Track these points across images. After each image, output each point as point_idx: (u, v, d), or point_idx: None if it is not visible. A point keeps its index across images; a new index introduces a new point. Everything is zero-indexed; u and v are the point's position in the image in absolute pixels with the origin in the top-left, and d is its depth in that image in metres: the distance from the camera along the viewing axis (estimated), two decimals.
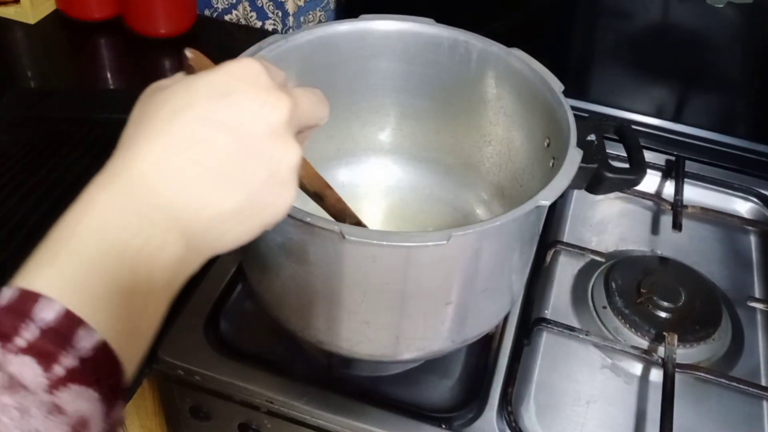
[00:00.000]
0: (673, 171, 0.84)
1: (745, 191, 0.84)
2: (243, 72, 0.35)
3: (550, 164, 0.56)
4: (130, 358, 0.31)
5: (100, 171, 0.34)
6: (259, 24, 1.04)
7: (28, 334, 0.28)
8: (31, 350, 0.27)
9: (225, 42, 1.02)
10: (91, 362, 0.29)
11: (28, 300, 0.29)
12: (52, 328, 0.28)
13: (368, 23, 0.63)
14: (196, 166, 0.33)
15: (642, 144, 0.61)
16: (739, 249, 0.79)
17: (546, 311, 0.70)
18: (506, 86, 0.62)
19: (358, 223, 0.51)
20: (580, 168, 0.50)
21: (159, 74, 0.99)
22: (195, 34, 1.01)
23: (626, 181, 0.57)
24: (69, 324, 0.29)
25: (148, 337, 0.33)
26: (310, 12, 1.03)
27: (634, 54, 0.88)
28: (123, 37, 1.00)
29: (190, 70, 0.37)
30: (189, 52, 0.37)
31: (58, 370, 0.28)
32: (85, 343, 0.29)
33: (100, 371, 0.29)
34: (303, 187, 0.46)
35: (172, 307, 0.40)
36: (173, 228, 0.33)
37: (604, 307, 0.69)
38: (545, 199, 0.47)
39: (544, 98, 0.57)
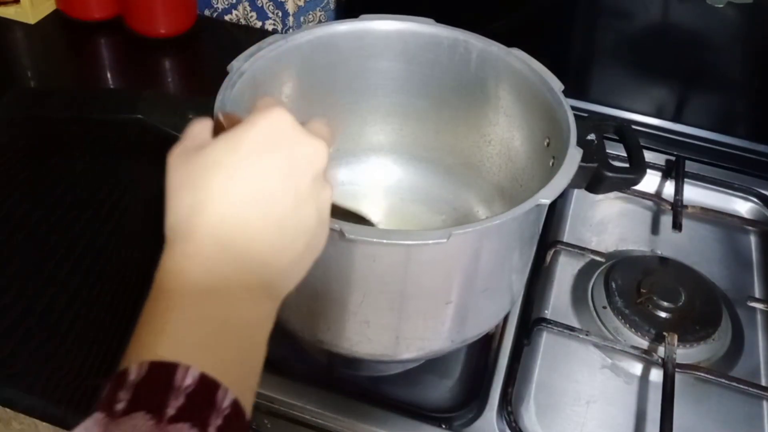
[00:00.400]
0: (673, 171, 0.84)
1: (745, 191, 0.84)
2: (278, 125, 0.36)
3: (550, 164, 0.56)
4: (250, 412, 0.33)
5: (170, 238, 0.35)
6: (259, 24, 1.04)
7: (176, 403, 0.28)
8: (184, 417, 0.28)
9: (225, 42, 1.02)
10: (231, 420, 0.30)
11: (164, 370, 0.29)
12: (195, 391, 0.29)
13: (368, 23, 0.63)
14: (267, 218, 0.35)
15: (642, 144, 0.61)
16: (739, 249, 0.79)
17: (546, 311, 0.70)
18: (506, 86, 0.62)
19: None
20: (579, 167, 0.50)
21: (159, 74, 0.99)
22: (195, 34, 1.01)
23: (626, 181, 0.57)
24: (208, 387, 0.30)
25: (256, 388, 0.34)
26: (310, 12, 1.03)
27: (634, 54, 0.88)
28: (123, 37, 1.00)
29: (221, 130, 0.38)
30: (221, 115, 0.39)
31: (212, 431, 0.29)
32: (225, 402, 0.30)
33: (236, 428, 0.30)
34: None
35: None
36: (259, 284, 0.35)
37: (604, 307, 0.69)
38: (545, 198, 0.47)
39: (544, 98, 0.57)
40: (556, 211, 0.79)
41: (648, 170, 0.65)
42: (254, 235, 0.34)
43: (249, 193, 0.34)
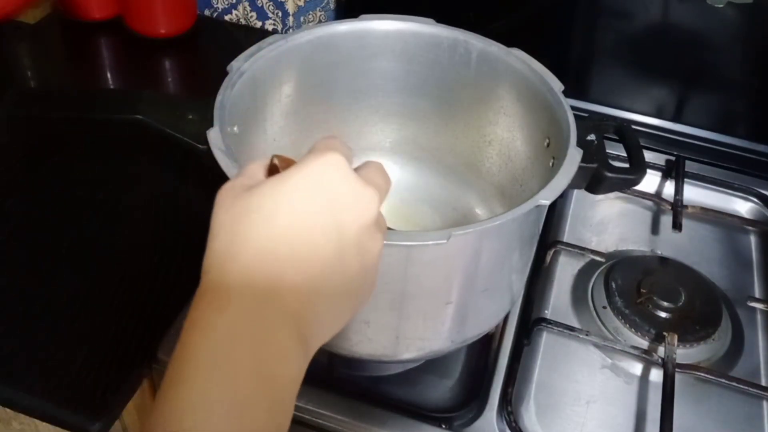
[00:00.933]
0: (673, 171, 0.84)
1: (745, 191, 0.84)
2: (328, 170, 0.34)
3: (550, 164, 0.56)
4: None
5: (203, 285, 0.33)
6: (259, 24, 1.04)
7: None
8: None
9: (225, 42, 1.02)
10: None
11: None
12: None
13: (368, 23, 0.63)
14: (301, 271, 0.33)
15: (642, 144, 0.61)
16: (739, 249, 0.79)
17: (546, 311, 0.70)
18: (506, 86, 0.62)
19: None
20: (579, 168, 0.50)
21: (159, 74, 0.99)
22: (195, 34, 1.01)
23: (626, 181, 0.57)
24: None
25: None
26: (310, 12, 1.03)
27: (634, 54, 0.88)
28: (123, 37, 1.00)
29: (275, 170, 0.37)
30: (277, 160, 0.37)
31: None
32: None
33: None
34: None
35: (171, 306, 0.39)
36: (294, 338, 0.33)
37: (604, 307, 0.69)
38: (545, 198, 0.47)
39: (544, 98, 0.57)
40: (556, 211, 0.79)
41: (648, 170, 0.65)
42: (288, 289, 0.33)
43: (285, 242, 0.33)
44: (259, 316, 0.32)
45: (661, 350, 0.64)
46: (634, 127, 0.63)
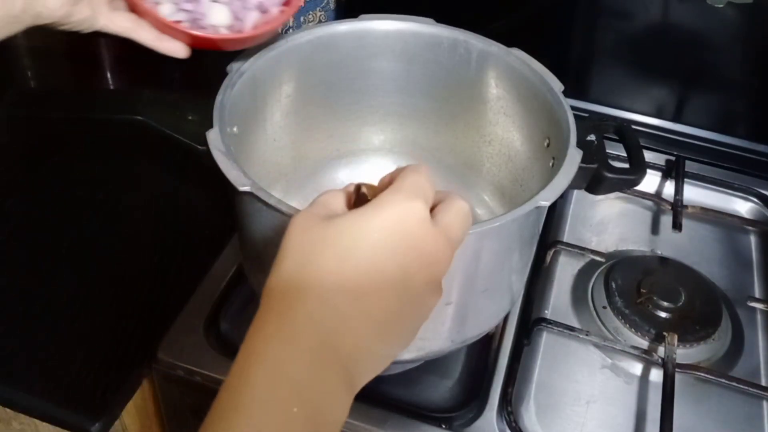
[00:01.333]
0: (673, 171, 0.84)
1: (745, 191, 0.84)
2: (412, 221, 0.34)
3: (550, 164, 0.56)
4: None
5: (267, 309, 0.33)
6: None
7: None
8: None
9: None
10: None
11: None
12: None
13: (368, 23, 0.63)
14: (368, 318, 0.33)
15: (642, 144, 0.61)
16: (739, 249, 0.79)
17: (546, 311, 0.70)
18: (506, 86, 0.62)
19: None
20: (579, 168, 0.50)
21: (159, 74, 0.99)
22: None
23: (626, 181, 0.57)
24: None
25: None
26: (310, 12, 1.03)
27: (634, 54, 0.88)
28: (123, 36, 1.00)
29: (363, 200, 0.36)
30: (365, 189, 0.37)
31: None
32: None
33: None
34: None
35: (171, 306, 0.38)
36: (345, 380, 0.33)
37: (604, 307, 0.69)
38: (545, 199, 0.47)
39: (544, 98, 0.57)
40: (556, 211, 0.79)
41: (648, 170, 0.65)
42: (348, 332, 0.33)
43: (354, 285, 0.33)
44: (319, 356, 0.32)
45: (661, 350, 0.64)
46: (634, 127, 0.63)
